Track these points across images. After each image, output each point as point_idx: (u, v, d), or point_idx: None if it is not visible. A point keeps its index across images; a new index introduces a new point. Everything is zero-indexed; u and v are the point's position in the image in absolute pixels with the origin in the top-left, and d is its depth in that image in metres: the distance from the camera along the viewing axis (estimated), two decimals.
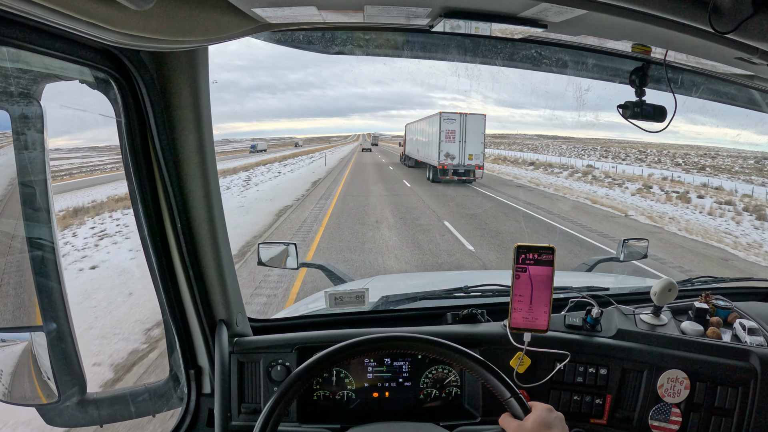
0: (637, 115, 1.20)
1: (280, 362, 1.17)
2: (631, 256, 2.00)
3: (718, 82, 1.24)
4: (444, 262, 7.03)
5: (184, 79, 0.95)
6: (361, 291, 1.36)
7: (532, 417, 0.84)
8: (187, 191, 1.04)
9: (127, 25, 0.69)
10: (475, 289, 1.49)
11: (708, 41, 0.89)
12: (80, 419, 1.10)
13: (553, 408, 0.86)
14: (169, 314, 1.13)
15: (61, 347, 0.97)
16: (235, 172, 26.28)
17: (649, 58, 1.17)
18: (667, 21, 0.81)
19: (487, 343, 1.21)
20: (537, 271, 1.08)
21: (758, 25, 0.78)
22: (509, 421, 0.86)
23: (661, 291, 1.21)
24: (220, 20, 0.82)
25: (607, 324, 1.26)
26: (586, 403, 1.19)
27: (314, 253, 7.39)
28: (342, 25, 0.96)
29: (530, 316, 1.10)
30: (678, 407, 1.16)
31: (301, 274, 5.79)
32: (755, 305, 1.36)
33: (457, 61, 1.16)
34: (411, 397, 1.24)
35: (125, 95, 0.93)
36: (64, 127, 2.17)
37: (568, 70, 1.21)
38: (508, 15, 0.83)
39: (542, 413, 0.84)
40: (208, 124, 1.02)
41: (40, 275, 0.94)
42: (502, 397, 0.88)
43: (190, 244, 1.08)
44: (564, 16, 0.81)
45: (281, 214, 11.46)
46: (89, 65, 0.87)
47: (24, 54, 0.80)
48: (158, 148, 0.98)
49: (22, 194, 0.90)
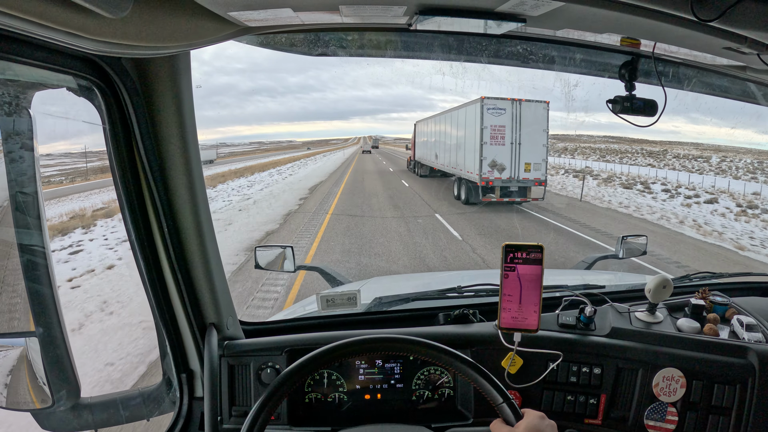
0: (627, 109, 1.18)
1: (270, 365, 1.17)
2: (630, 252, 1.97)
3: (710, 75, 1.22)
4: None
5: (166, 84, 0.96)
6: (353, 293, 1.36)
7: (523, 423, 0.82)
8: (172, 195, 1.04)
9: (104, 32, 0.70)
10: (468, 289, 1.48)
11: (694, 31, 0.87)
12: (74, 424, 1.11)
13: (546, 416, 0.84)
14: (160, 319, 1.14)
15: (54, 352, 0.98)
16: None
17: (637, 52, 1.15)
18: (650, 11, 0.80)
19: (478, 343, 1.20)
20: (526, 270, 1.07)
21: (743, 13, 0.76)
22: (500, 426, 0.84)
23: (656, 288, 1.19)
24: (198, 25, 0.83)
25: (601, 322, 1.24)
26: (580, 403, 1.17)
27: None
28: (321, 26, 0.96)
29: (520, 315, 1.08)
30: (674, 406, 1.14)
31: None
32: (754, 300, 1.33)
33: (442, 60, 1.15)
34: (403, 399, 1.23)
35: (109, 102, 0.94)
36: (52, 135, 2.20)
37: (556, 66, 1.20)
38: (485, 10, 0.83)
39: (534, 420, 0.82)
40: (192, 128, 1.02)
41: (32, 281, 0.95)
42: (494, 402, 0.86)
43: (178, 249, 1.08)
44: (541, 9, 0.80)
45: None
46: (72, 73, 0.87)
47: (11, 64, 0.81)
48: (143, 154, 0.99)
49: (14, 201, 0.91)
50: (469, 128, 13.51)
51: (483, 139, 12.44)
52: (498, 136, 12.46)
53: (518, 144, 12.52)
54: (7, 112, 0.88)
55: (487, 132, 12.43)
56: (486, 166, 12.45)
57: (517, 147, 12.55)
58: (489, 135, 12.44)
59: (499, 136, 12.47)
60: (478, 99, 12.58)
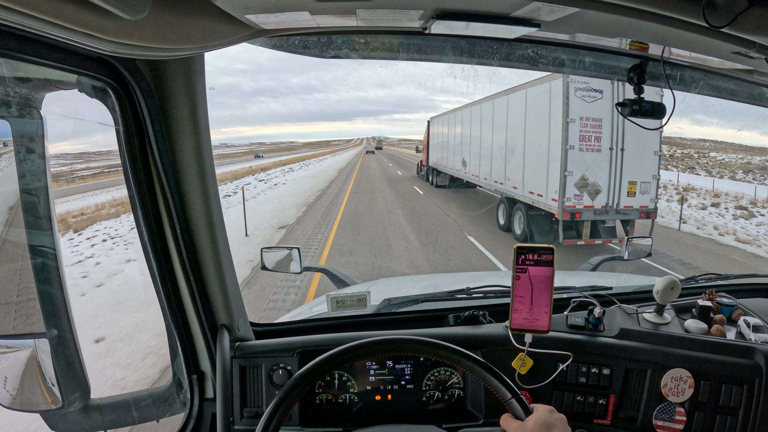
0: (636, 112, 1.19)
1: (282, 366, 1.17)
2: (635, 254, 1.98)
3: (718, 78, 1.23)
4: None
5: (180, 86, 0.96)
6: (363, 294, 1.36)
7: (533, 418, 0.83)
8: (185, 197, 1.05)
9: (122, 34, 0.70)
10: (477, 290, 1.48)
11: (704, 36, 0.88)
12: (84, 425, 1.11)
13: (555, 409, 0.86)
14: (171, 319, 1.14)
15: (64, 353, 0.98)
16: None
17: (646, 55, 1.16)
18: (662, 17, 0.80)
19: (489, 344, 1.21)
20: (537, 272, 1.08)
21: (753, 19, 0.77)
22: (510, 421, 0.86)
23: (664, 289, 1.20)
24: (214, 27, 0.83)
25: (610, 323, 1.25)
26: (589, 404, 1.18)
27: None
28: (336, 29, 0.97)
29: (531, 316, 1.09)
30: (682, 406, 1.15)
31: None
32: (760, 302, 1.34)
33: (453, 63, 1.15)
34: (414, 400, 1.24)
35: (123, 103, 0.94)
36: (62, 135, 2.20)
37: (566, 69, 1.21)
38: (501, 15, 0.83)
39: (544, 414, 0.83)
40: (205, 130, 1.02)
41: (43, 282, 0.95)
42: (503, 398, 0.87)
43: (190, 250, 1.08)
44: (557, 14, 0.81)
45: None
46: (86, 74, 0.87)
47: (23, 64, 0.81)
48: (156, 155, 0.99)
49: (24, 202, 0.91)
50: (536, 121, 8.32)
51: (569, 141, 7.29)
52: (591, 137, 7.36)
53: (620, 150, 7.51)
54: (18, 112, 0.88)
55: (575, 128, 7.27)
56: (572, 187, 7.39)
57: (618, 155, 7.51)
58: (577, 134, 7.31)
59: (593, 137, 7.37)
60: (561, 80, 7.33)
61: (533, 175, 8.45)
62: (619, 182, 7.58)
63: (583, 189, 7.43)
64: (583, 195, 7.45)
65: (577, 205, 7.47)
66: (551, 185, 7.73)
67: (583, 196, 7.46)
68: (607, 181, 7.54)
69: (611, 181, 7.56)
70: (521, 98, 9.02)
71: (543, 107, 8.01)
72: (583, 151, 7.42)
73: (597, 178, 7.49)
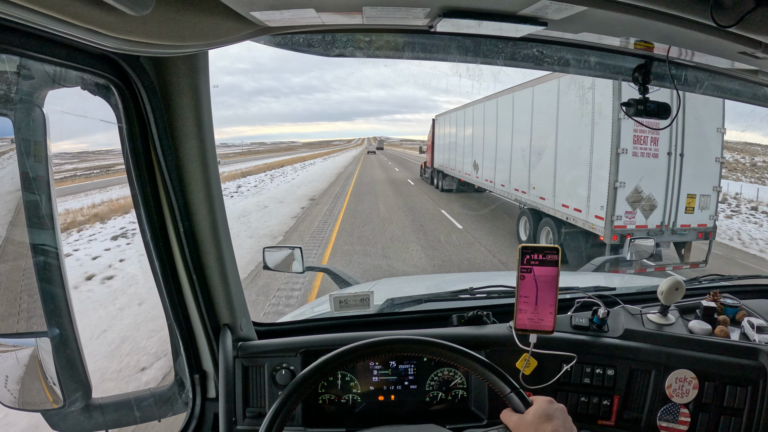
0: (641, 112, 1.19)
1: (285, 366, 1.17)
2: (638, 255, 1.98)
3: (722, 78, 1.23)
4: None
5: (184, 83, 0.95)
6: (366, 294, 1.36)
7: (532, 410, 0.84)
8: (189, 195, 1.04)
9: (125, 30, 0.69)
10: (481, 290, 1.48)
11: (711, 36, 0.88)
12: (85, 424, 1.11)
13: (554, 400, 0.86)
14: (173, 319, 1.13)
15: (66, 353, 0.98)
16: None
17: (651, 55, 1.16)
18: (669, 16, 0.80)
19: (492, 344, 1.20)
20: (542, 272, 1.07)
21: (760, 19, 0.77)
22: (510, 415, 0.86)
23: (668, 290, 1.20)
24: (219, 24, 0.82)
25: (614, 324, 1.24)
26: (593, 405, 1.17)
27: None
28: (341, 27, 0.96)
29: (536, 317, 1.08)
30: (686, 407, 1.15)
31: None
32: (764, 303, 1.34)
33: (458, 62, 1.15)
34: (417, 401, 1.23)
35: (126, 101, 0.93)
36: (65, 133, 2.19)
37: (571, 68, 1.20)
38: (508, 13, 0.83)
39: (543, 405, 0.84)
40: (209, 128, 1.02)
41: (44, 281, 0.94)
42: (502, 392, 0.88)
43: (193, 249, 1.08)
44: (564, 13, 0.81)
45: None
46: (90, 71, 0.87)
47: (25, 60, 0.80)
48: (159, 153, 0.98)
49: (26, 200, 0.90)
50: (572, 118, 6.64)
51: (621, 144, 5.74)
52: (648, 139, 5.78)
53: (679, 155, 5.99)
54: (21, 110, 0.87)
55: (629, 127, 5.65)
56: (622, 200, 5.89)
57: (676, 162, 6.00)
58: (631, 134, 5.73)
59: (649, 139, 5.78)
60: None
61: (568, 184, 6.82)
62: (677, 196, 6.08)
63: (636, 204, 5.94)
64: (636, 212, 5.96)
65: (629, 224, 5.94)
66: (595, 199, 6.19)
67: (635, 214, 5.96)
68: (664, 194, 6.06)
69: (668, 194, 6.07)
70: (551, 90, 7.13)
71: (583, 100, 6.39)
72: (638, 156, 5.85)
73: (652, 191, 5.99)
